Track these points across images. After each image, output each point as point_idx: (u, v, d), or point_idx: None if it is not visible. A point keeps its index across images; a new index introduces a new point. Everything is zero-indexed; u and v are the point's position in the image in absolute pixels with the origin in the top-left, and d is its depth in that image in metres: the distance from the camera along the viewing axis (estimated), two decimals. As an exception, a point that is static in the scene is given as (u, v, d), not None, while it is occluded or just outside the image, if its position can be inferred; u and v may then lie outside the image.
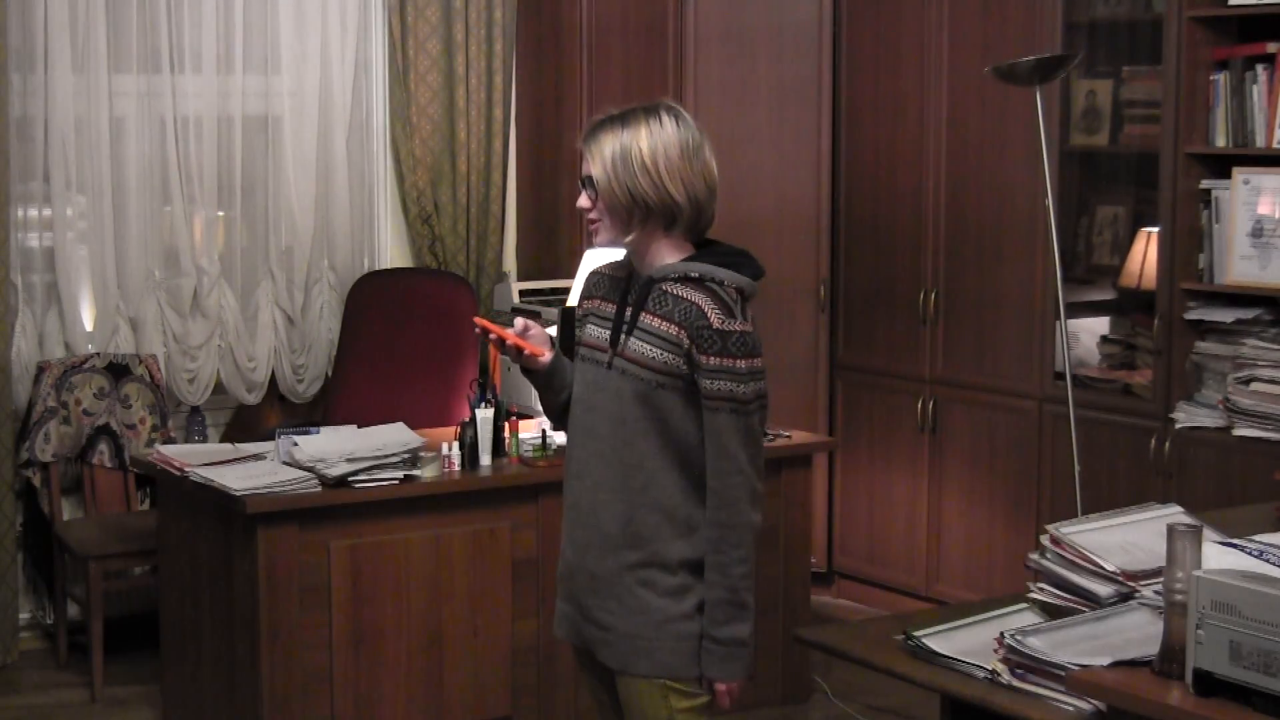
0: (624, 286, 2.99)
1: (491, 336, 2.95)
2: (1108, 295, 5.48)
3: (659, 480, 2.90)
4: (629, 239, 2.93)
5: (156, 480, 4.79)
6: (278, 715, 4.25)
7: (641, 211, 2.90)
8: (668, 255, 2.94)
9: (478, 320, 2.98)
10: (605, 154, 2.92)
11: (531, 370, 3.03)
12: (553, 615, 4.57)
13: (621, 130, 2.92)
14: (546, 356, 3.02)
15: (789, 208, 5.96)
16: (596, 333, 2.99)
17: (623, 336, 2.93)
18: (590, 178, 2.95)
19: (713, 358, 2.84)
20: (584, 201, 2.99)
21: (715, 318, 2.84)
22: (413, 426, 4.59)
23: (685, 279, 2.90)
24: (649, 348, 2.88)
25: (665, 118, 2.92)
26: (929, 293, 5.74)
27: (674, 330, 2.86)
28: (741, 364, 2.84)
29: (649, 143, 2.89)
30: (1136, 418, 5.07)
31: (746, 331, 2.86)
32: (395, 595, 4.38)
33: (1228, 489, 4.71)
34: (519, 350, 2.98)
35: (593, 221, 2.98)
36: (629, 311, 2.94)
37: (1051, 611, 2.84)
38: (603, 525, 2.94)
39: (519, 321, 3.01)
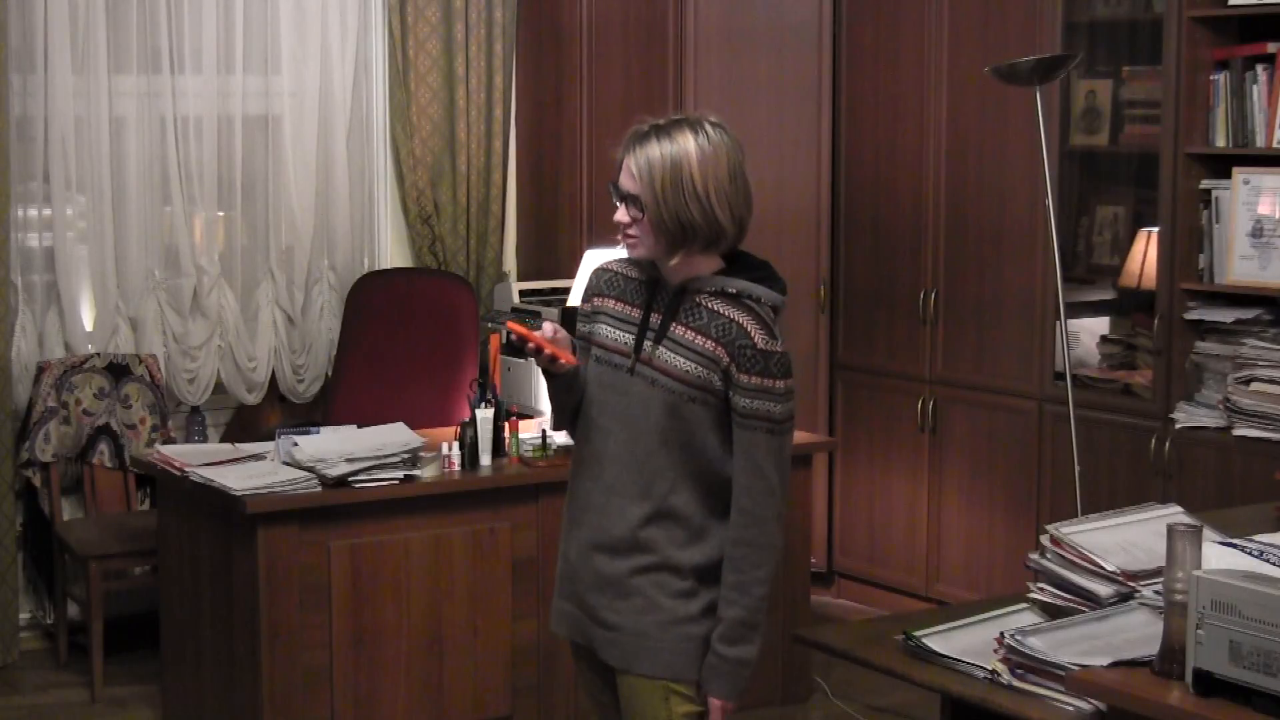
0: (648, 291, 2.93)
1: (529, 346, 2.87)
2: (1108, 295, 5.48)
3: (678, 490, 2.88)
4: (673, 262, 2.86)
5: (156, 480, 4.79)
6: (278, 715, 4.25)
7: (687, 235, 2.83)
8: (700, 266, 2.89)
9: (512, 325, 2.91)
10: (655, 175, 2.80)
11: (552, 374, 2.96)
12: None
13: (669, 146, 2.80)
14: (574, 362, 2.95)
15: (789, 208, 5.96)
16: (614, 335, 2.94)
17: (648, 344, 2.88)
18: (633, 196, 2.84)
19: (754, 377, 2.81)
20: (623, 216, 2.87)
21: (759, 338, 2.81)
22: (413, 426, 4.59)
23: (722, 294, 2.86)
24: (681, 360, 2.85)
25: (712, 133, 2.82)
26: (929, 293, 5.74)
27: (711, 346, 2.83)
28: (780, 384, 2.82)
29: (700, 166, 2.79)
30: (1136, 418, 5.07)
31: (785, 353, 2.84)
32: (395, 595, 4.38)
33: (1228, 489, 4.71)
34: (552, 357, 2.90)
35: (631, 236, 2.88)
36: (656, 319, 2.89)
37: (1051, 611, 2.84)
38: (613, 528, 2.91)
39: (548, 326, 2.93)
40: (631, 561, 2.90)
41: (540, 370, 2.99)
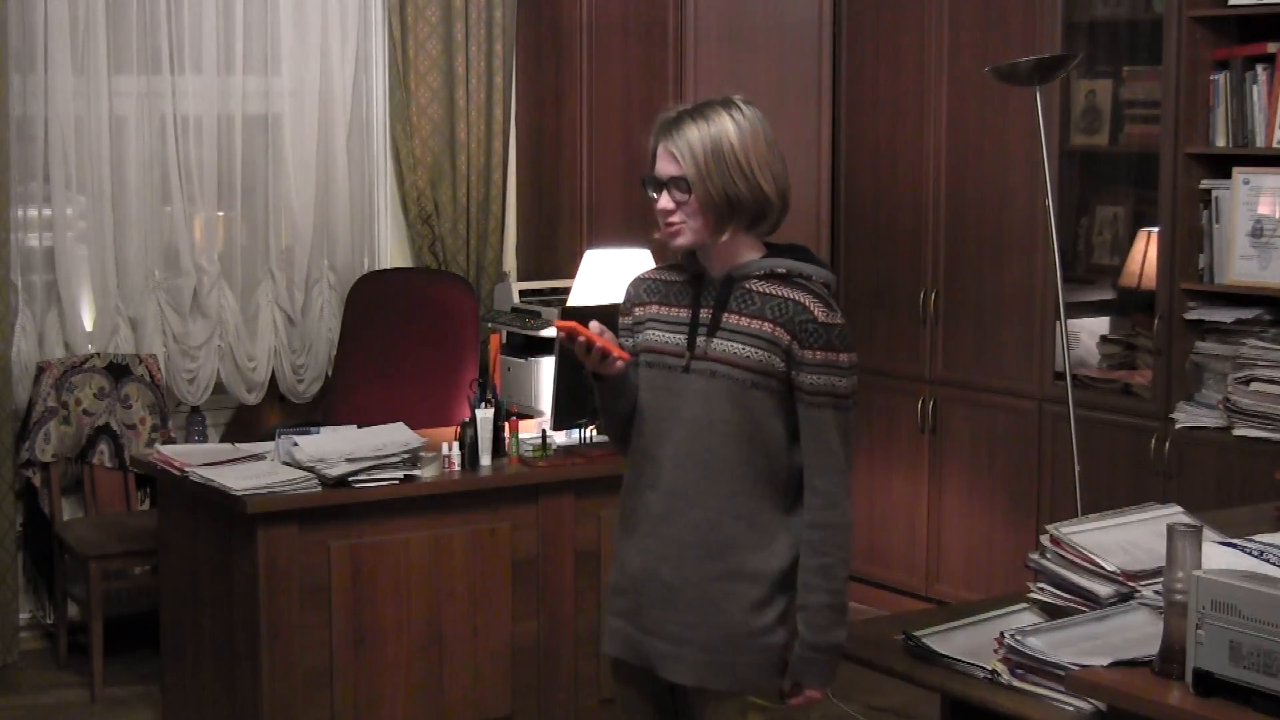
0: (693, 289, 2.88)
1: (579, 339, 2.79)
2: (1108, 295, 5.48)
3: (745, 487, 2.81)
4: (721, 240, 2.81)
5: (156, 480, 4.79)
6: (278, 715, 4.24)
7: (735, 210, 2.79)
8: (745, 253, 2.85)
9: (561, 324, 2.80)
10: (696, 152, 2.77)
11: (602, 376, 2.86)
12: (553, 617, 4.61)
13: (706, 125, 2.78)
14: (625, 360, 2.86)
15: (789, 208, 5.95)
16: (664, 337, 2.88)
17: (701, 339, 2.83)
18: (678, 179, 2.79)
19: (818, 352, 2.77)
20: (666, 203, 2.82)
21: (819, 311, 2.78)
22: (413, 426, 4.59)
23: (771, 276, 2.82)
24: (740, 346, 2.79)
25: (745, 109, 2.81)
26: (929, 293, 5.74)
27: (769, 328, 2.78)
28: (844, 358, 2.79)
29: (738, 136, 2.78)
30: (1136, 418, 5.07)
31: (845, 325, 2.81)
32: (395, 595, 4.38)
33: (1228, 489, 4.71)
34: (602, 355, 2.82)
35: (674, 224, 2.83)
36: (706, 314, 2.84)
37: (1051, 611, 2.84)
38: (679, 534, 2.83)
39: (594, 324, 2.83)
40: (701, 568, 2.82)
41: (581, 375, 2.90)
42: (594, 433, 4.67)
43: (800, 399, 2.79)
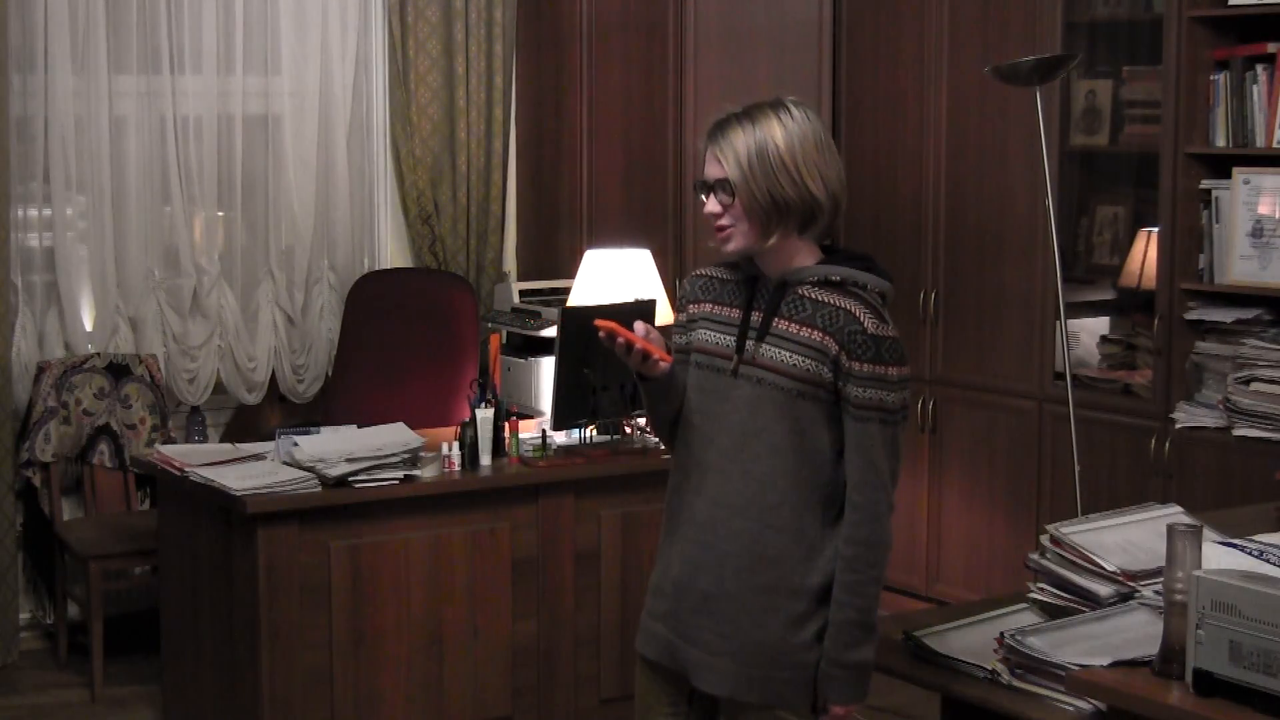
0: (748, 290, 2.84)
1: (619, 340, 2.76)
2: (1108, 295, 5.48)
3: (790, 499, 2.76)
4: (769, 244, 2.77)
5: (156, 480, 4.79)
6: (278, 715, 4.24)
7: (781, 213, 2.74)
8: (800, 258, 2.80)
9: (601, 323, 2.77)
10: (740, 154, 2.74)
11: (647, 378, 2.83)
12: (552, 617, 4.61)
13: (752, 127, 2.76)
14: (668, 362, 2.84)
15: (789, 208, 5.95)
16: (714, 338, 2.84)
17: (750, 343, 2.78)
18: (722, 181, 2.76)
19: (866, 364, 2.70)
20: (714, 207, 2.78)
21: (870, 323, 2.71)
22: (413, 426, 4.59)
23: (825, 283, 2.76)
24: (788, 354, 2.74)
25: (795, 111, 2.78)
26: (929, 293, 5.74)
27: (818, 336, 2.73)
28: (893, 371, 2.71)
29: (785, 139, 2.74)
30: (1136, 418, 5.07)
31: (897, 338, 2.74)
32: (395, 595, 4.38)
33: (1228, 489, 4.71)
34: (644, 356, 2.78)
35: (724, 228, 2.78)
36: (757, 317, 2.80)
37: (1051, 611, 2.84)
38: (720, 544, 2.80)
39: (639, 325, 2.79)
40: (741, 580, 2.79)
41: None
42: (594, 433, 4.67)
43: (847, 411, 2.73)
